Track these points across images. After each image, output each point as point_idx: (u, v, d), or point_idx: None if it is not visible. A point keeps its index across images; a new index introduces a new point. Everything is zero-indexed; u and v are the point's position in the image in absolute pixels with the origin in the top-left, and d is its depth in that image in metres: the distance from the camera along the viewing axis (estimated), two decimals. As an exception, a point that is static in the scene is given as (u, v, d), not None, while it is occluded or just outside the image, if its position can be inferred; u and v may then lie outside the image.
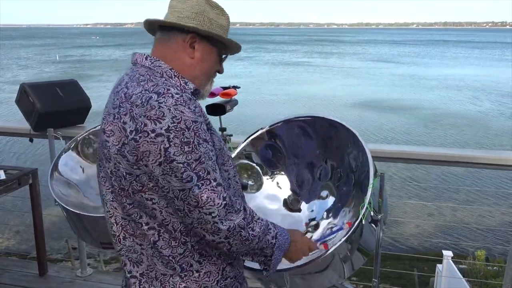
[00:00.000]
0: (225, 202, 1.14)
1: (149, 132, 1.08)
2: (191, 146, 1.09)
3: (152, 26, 1.30)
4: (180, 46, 1.24)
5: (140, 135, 1.09)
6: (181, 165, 1.09)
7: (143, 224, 1.19)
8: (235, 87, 2.25)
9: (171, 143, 1.08)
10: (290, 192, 2.09)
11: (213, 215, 1.12)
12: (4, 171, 2.86)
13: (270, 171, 2.12)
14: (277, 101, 20.16)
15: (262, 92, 21.65)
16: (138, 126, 1.09)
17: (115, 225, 1.24)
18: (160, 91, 1.12)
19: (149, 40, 1.30)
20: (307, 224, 1.94)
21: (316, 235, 1.88)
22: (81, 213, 2.15)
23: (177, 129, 1.08)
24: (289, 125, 2.05)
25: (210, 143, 1.16)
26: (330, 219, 1.90)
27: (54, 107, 2.87)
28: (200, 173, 1.11)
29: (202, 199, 1.11)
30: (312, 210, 2.01)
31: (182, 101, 1.11)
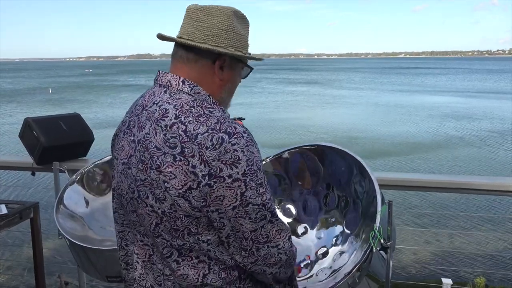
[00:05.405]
0: (289, 234, 1.17)
1: (226, 177, 1.03)
2: (263, 186, 1.09)
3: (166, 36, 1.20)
4: (210, 68, 1.18)
5: (215, 180, 1.03)
6: (256, 206, 1.08)
7: (193, 258, 1.13)
8: (240, 119, 2.30)
9: (247, 187, 1.06)
10: (297, 220, 2.11)
11: (279, 247, 1.14)
12: (6, 205, 2.84)
13: (276, 199, 2.15)
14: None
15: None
16: (212, 171, 1.03)
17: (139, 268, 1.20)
18: (229, 130, 1.06)
19: (140, 69, 1.21)
20: (317, 252, 1.96)
21: (326, 262, 1.89)
22: (87, 246, 2.14)
23: (252, 172, 1.06)
24: (294, 154, 2.10)
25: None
26: (339, 246, 1.92)
27: (58, 141, 2.89)
28: (272, 208, 1.12)
29: (272, 233, 1.12)
30: (320, 238, 2.03)
31: (250, 140, 1.09)
